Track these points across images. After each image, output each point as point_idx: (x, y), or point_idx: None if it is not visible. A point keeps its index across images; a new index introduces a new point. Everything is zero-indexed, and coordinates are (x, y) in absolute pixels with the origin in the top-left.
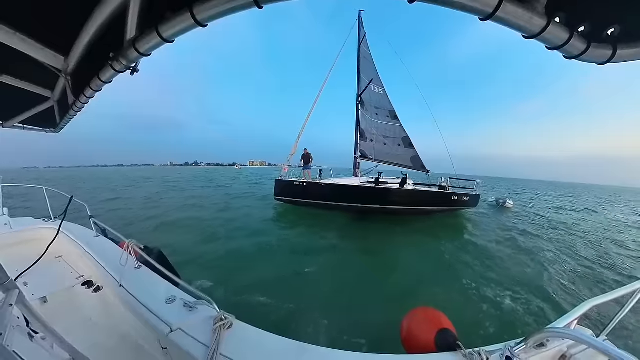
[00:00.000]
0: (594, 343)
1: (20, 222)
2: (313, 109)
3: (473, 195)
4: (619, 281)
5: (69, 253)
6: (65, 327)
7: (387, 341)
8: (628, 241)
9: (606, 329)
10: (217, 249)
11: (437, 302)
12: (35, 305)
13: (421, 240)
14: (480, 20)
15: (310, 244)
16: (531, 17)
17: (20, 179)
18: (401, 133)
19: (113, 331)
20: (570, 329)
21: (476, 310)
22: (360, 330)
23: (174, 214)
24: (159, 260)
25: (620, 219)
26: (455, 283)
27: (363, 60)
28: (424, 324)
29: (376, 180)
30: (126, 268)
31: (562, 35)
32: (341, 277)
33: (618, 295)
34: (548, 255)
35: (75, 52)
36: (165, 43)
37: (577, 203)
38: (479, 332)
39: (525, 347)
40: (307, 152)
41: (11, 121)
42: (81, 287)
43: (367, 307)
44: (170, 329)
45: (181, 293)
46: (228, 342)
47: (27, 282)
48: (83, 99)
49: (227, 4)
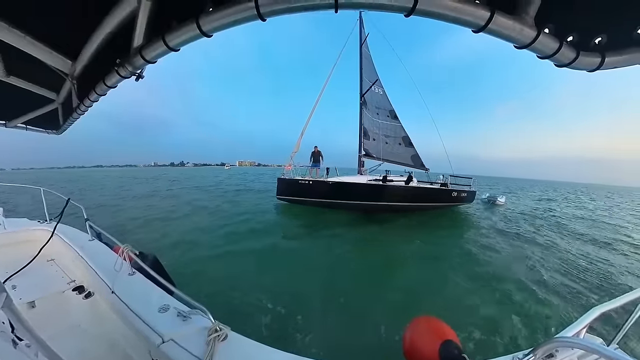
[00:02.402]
0: (605, 352)
1: (14, 223)
2: (316, 107)
3: (470, 192)
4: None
5: (61, 256)
6: (53, 333)
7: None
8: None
9: (617, 336)
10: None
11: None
12: (23, 310)
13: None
14: (473, 32)
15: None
16: (522, 29)
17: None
18: (401, 132)
19: (102, 339)
20: (580, 337)
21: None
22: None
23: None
24: (153, 266)
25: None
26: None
27: (364, 61)
28: (427, 335)
29: (384, 178)
30: (120, 274)
31: (552, 45)
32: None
33: (627, 300)
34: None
35: (83, 57)
36: (171, 52)
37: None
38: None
39: (533, 358)
40: (317, 150)
41: (14, 121)
42: (72, 292)
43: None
44: (162, 340)
45: (175, 302)
46: (222, 354)
47: (16, 285)
48: (87, 102)
49: (232, 16)
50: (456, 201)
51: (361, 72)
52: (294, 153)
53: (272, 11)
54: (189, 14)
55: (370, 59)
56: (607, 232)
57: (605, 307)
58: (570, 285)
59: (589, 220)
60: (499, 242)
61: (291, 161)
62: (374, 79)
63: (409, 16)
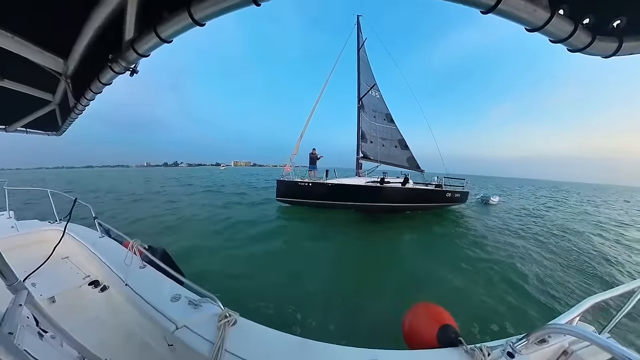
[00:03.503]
0: (596, 339)
1: (26, 225)
2: (315, 109)
3: (463, 192)
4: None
5: (75, 254)
6: (73, 326)
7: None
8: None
9: (608, 325)
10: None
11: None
12: (44, 305)
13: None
14: (481, 13)
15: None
16: (534, 9)
17: None
18: (397, 135)
19: (120, 329)
20: (572, 325)
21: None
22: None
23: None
24: (163, 259)
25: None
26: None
27: (361, 65)
28: (425, 320)
29: (381, 180)
30: (131, 267)
31: (566, 28)
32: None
33: (621, 291)
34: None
35: (74, 55)
36: (164, 43)
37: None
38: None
39: (526, 342)
40: (315, 152)
41: (14, 125)
42: (88, 286)
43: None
44: (176, 326)
45: (185, 291)
46: (232, 338)
47: (35, 283)
48: (84, 101)
49: (225, 2)
50: (450, 201)
51: (359, 76)
52: (294, 155)
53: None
54: (180, 3)
55: (367, 63)
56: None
57: (599, 297)
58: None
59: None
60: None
61: (290, 163)
62: (371, 83)
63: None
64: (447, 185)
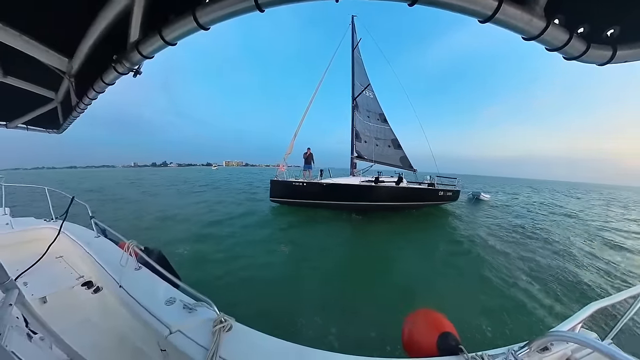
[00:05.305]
0: (599, 347)
1: (21, 222)
2: (308, 109)
3: (455, 191)
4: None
5: (69, 253)
6: (64, 327)
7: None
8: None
9: (611, 332)
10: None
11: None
12: (35, 306)
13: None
14: (479, 22)
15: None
16: (530, 19)
17: None
18: (390, 135)
19: (112, 332)
20: (575, 332)
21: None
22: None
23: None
24: (159, 261)
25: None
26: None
27: (356, 65)
28: (425, 327)
29: (376, 179)
30: (126, 269)
31: (562, 36)
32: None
33: (623, 297)
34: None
35: (79, 54)
36: (168, 46)
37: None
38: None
39: (528, 350)
40: (309, 152)
41: (15, 122)
42: (81, 287)
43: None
44: (170, 331)
45: (181, 295)
46: (227, 344)
47: (27, 282)
48: (86, 100)
49: (230, 7)
50: (443, 200)
51: (353, 77)
52: (287, 155)
53: (271, 1)
54: (185, 7)
55: (362, 63)
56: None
57: (602, 304)
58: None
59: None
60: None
61: (284, 162)
62: (365, 83)
63: (412, 5)
64: (439, 184)
